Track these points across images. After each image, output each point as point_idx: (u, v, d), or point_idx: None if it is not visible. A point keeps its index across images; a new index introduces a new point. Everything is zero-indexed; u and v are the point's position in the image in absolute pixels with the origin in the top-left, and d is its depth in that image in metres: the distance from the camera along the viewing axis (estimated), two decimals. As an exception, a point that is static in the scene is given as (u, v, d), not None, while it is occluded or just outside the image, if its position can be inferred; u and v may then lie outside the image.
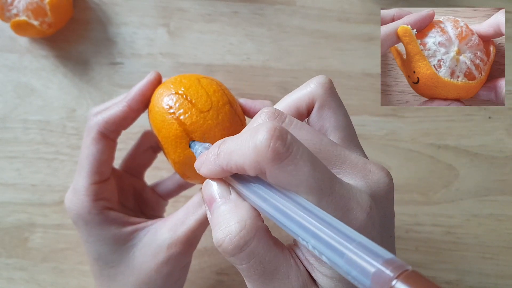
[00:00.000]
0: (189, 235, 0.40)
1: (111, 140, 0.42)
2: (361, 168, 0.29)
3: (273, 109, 0.29)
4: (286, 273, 0.27)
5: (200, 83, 0.40)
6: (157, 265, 0.39)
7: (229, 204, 0.27)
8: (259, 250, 0.26)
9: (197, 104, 0.38)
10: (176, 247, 0.39)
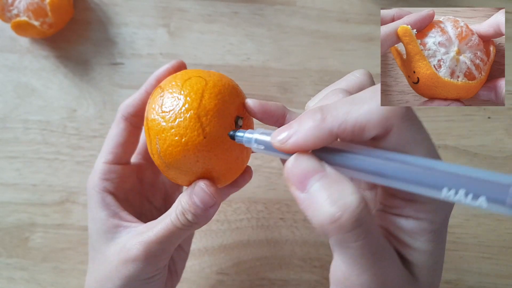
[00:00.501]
0: (152, 240, 0.37)
1: (131, 124, 0.43)
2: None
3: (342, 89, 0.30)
4: (391, 251, 0.26)
5: (185, 82, 0.39)
6: (119, 263, 0.38)
7: (330, 177, 0.25)
8: (374, 224, 0.25)
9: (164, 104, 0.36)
10: (135, 251, 0.37)
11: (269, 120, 0.37)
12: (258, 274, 0.57)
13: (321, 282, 0.57)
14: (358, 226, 0.24)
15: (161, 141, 0.36)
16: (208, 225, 0.58)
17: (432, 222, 0.27)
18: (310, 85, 0.61)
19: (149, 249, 0.37)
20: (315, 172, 0.26)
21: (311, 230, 0.58)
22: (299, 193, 0.26)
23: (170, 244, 0.39)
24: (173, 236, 0.38)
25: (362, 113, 0.25)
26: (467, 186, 0.22)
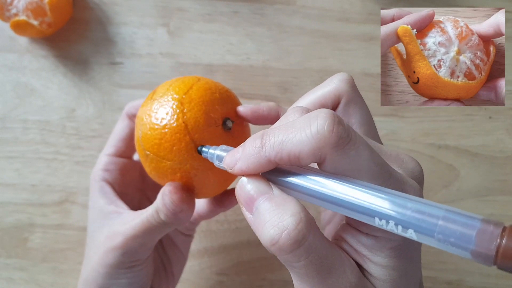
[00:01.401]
0: (131, 233, 0.39)
1: (133, 122, 0.46)
2: (395, 158, 0.29)
3: (302, 107, 0.29)
4: (342, 266, 0.26)
5: (178, 79, 0.39)
6: (102, 253, 0.40)
7: (274, 199, 0.26)
8: (317, 244, 0.25)
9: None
10: (115, 240, 0.39)
11: (263, 122, 0.38)
12: (258, 274, 0.57)
13: (321, 282, 0.56)
14: (297, 248, 0.24)
15: (142, 127, 0.36)
16: (208, 225, 0.57)
17: (389, 240, 0.27)
18: (310, 85, 0.61)
19: (126, 241, 0.39)
20: (261, 194, 0.27)
21: (311, 231, 0.57)
22: (247, 214, 0.27)
23: (147, 239, 0.40)
24: (149, 231, 0.39)
25: (295, 144, 0.25)
26: (396, 217, 0.22)
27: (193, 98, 0.36)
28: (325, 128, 0.24)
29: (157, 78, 0.61)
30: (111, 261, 0.40)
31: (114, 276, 0.41)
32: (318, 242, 0.25)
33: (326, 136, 0.24)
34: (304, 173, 0.27)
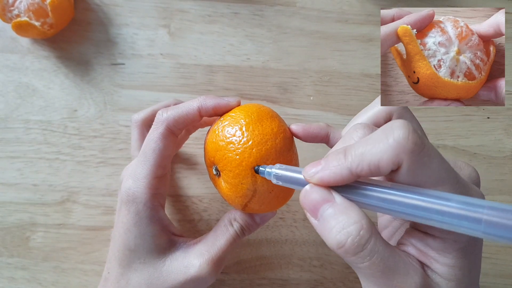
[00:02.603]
0: (220, 256, 0.43)
1: (176, 136, 0.44)
2: (453, 165, 0.32)
3: (363, 124, 0.33)
4: (405, 268, 0.29)
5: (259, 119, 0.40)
6: (185, 280, 0.42)
7: (337, 206, 0.29)
8: (378, 247, 0.28)
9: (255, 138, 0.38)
10: (207, 268, 0.42)
11: (313, 140, 0.41)
12: (258, 273, 0.57)
13: (320, 281, 0.57)
14: (361, 251, 0.28)
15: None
16: (208, 225, 0.58)
17: (456, 241, 0.29)
18: (309, 86, 0.62)
19: (218, 264, 0.43)
20: (324, 201, 0.30)
21: (310, 230, 0.58)
22: (312, 220, 0.31)
23: (229, 254, 0.46)
24: (233, 247, 0.44)
25: (375, 154, 0.27)
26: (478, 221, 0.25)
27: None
28: (401, 136, 0.26)
29: (158, 78, 0.61)
30: (200, 285, 0.43)
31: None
32: (379, 246, 0.28)
33: (403, 143, 0.26)
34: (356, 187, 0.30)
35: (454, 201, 0.25)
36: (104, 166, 0.59)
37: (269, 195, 0.38)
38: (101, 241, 0.57)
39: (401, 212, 0.27)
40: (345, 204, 0.29)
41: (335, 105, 0.61)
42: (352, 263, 0.29)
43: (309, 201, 0.30)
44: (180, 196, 0.58)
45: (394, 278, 0.28)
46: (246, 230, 0.44)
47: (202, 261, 0.42)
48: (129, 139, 0.59)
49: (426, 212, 0.26)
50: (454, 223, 0.25)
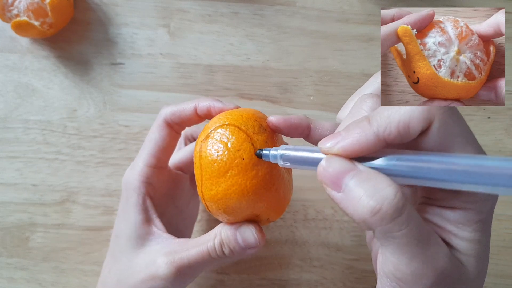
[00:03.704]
0: (184, 263, 0.38)
1: (174, 131, 0.44)
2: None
3: (371, 94, 0.31)
4: (436, 238, 0.27)
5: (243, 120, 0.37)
6: (144, 278, 0.39)
7: (362, 174, 0.27)
8: (414, 213, 0.26)
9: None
10: (166, 269, 0.38)
11: (294, 133, 0.38)
12: (258, 274, 0.57)
13: (321, 282, 0.57)
14: (399, 216, 0.25)
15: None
16: (208, 225, 0.58)
17: (479, 212, 0.28)
18: (310, 85, 0.62)
19: (179, 271, 0.38)
20: (348, 171, 0.27)
21: (311, 230, 0.58)
22: (335, 193, 0.28)
23: (200, 269, 0.40)
24: (205, 263, 0.39)
25: (404, 112, 0.26)
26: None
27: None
28: None
29: (157, 78, 0.61)
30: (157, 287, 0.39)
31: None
32: (414, 212, 0.26)
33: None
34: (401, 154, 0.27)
35: (491, 160, 0.24)
36: (103, 166, 0.59)
37: (212, 169, 0.34)
38: (101, 241, 0.57)
39: (435, 179, 0.25)
40: (370, 170, 0.27)
41: (335, 105, 0.61)
42: (386, 232, 0.26)
43: (330, 174, 0.27)
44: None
45: (429, 247, 0.26)
46: (225, 247, 0.37)
47: (165, 261, 0.39)
48: (129, 139, 0.59)
49: (462, 176, 0.24)
50: (494, 183, 0.23)
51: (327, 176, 0.28)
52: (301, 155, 0.31)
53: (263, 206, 0.36)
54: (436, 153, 0.26)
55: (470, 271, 0.28)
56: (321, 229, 0.58)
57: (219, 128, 0.36)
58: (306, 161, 0.31)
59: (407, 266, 0.26)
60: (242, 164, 0.34)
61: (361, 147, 0.27)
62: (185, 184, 0.51)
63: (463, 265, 0.28)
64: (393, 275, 0.27)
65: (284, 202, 0.38)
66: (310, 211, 0.58)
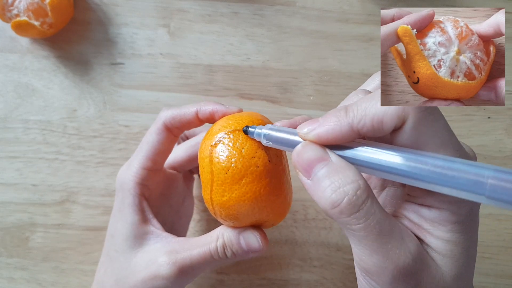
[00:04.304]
0: (187, 264, 0.38)
1: (173, 134, 0.44)
2: None
3: (364, 90, 0.32)
4: (400, 234, 0.28)
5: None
6: (145, 277, 0.39)
7: (333, 165, 0.28)
8: (375, 209, 0.27)
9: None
10: (168, 269, 0.38)
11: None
12: (258, 274, 0.57)
13: (321, 282, 0.57)
14: (357, 211, 0.26)
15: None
16: (208, 225, 0.58)
17: (454, 213, 0.28)
18: (309, 85, 0.62)
19: (181, 271, 0.39)
20: (319, 160, 0.28)
21: (311, 230, 0.58)
22: (305, 179, 0.29)
23: (202, 270, 0.40)
24: (207, 263, 0.39)
25: (379, 108, 0.27)
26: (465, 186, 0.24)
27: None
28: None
29: (157, 78, 0.61)
30: (158, 286, 0.39)
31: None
32: (376, 208, 0.27)
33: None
34: (372, 145, 0.28)
35: (458, 163, 0.24)
36: (103, 166, 0.59)
37: (225, 176, 0.35)
38: (101, 241, 0.57)
39: (401, 175, 0.26)
40: (341, 163, 0.28)
41: (336, 105, 0.61)
42: (345, 224, 0.27)
43: (302, 160, 0.29)
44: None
45: (389, 242, 0.27)
46: (228, 250, 0.38)
47: (166, 261, 0.39)
48: (129, 139, 0.59)
49: (428, 175, 0.25)
50: (456, 187, 0.24)
51: (300, 162, 0.29)
52: (282, 136, 0.32)
53: (272, 212, 0.36)
54: (407, 149, 0.27)
55: (445, 271, 0.28)
56: (321, 229, 0.58)
57: (231, 133, 0.36)
58: (286, 142, 0.32)
59: (369, 258, 0.27)
60: (257, 172, 0.34)
61: (335, 136, 0.28)
62: (178, 183, 0.51)
63: (436, 265, 0.28)
64: (359, 265, 0.29)
65: (289, 207, 0.39)
66: (310, 211, 0.58)
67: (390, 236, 0.27)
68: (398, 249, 0.27)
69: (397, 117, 0.26)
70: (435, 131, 0.27)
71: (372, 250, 0.27)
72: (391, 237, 0.27)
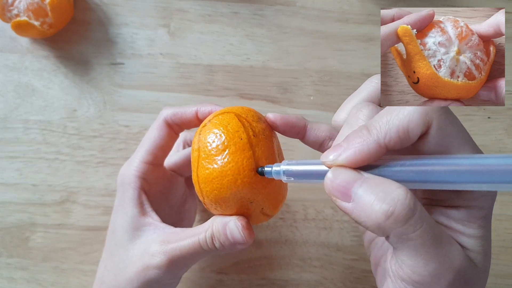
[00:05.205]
0: (176, 253, 0.38)
1: (173, 131, 0.45)
2: None
3: (366, 102, 0.32)
4: (448, 237, 0.27)
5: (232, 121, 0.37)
6: (138, 268, 0.39)
7: (370, 181, 0.27)
8: (425, 213, 0.26)
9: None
10: (157, 259, 0.38)
11: (290, 132, 0.39)
12: (257, 273, 0.57)
13: (320, 282, 0.57)
14: (412, 216, 0.25)
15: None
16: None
17: (481, 208, 0.28)
18: (309, 85, 0.62)
19: (172, 261, 0.38)
20: (355, 180, 0.27)
21: (311, 230, 0.58)
22: (345, 204, 0.27)
23: (192, 260, 0.40)
24: (197, 254, 0.39)
25: (402, 117, 0.26)
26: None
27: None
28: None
29: (157, 78, 0.61)
30: (151, 277, 0.39)
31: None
32: (425, 212, 0.26)
33: (428, 103, 0.26)
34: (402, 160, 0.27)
35: (491, 158, 0.24)
36: (103, 166, 0.59)
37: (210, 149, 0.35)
38: (101, 241, 0.57)
39: (439, 181, 0.25)
40: (377, 177, 0.27)
41: (335, 105, 0.61)
42: (401, 235, 0.26)
43: (337, 185, 0.27)
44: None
45: (443, 247, 0.26)
46: (216, 240, 0.37)
47: (158, 250, 0.39)
48: (129, 139, 0.59)
49: (466, 175, 0.25)
50: (495, 180, 0.24)
51: (335, 187, 0.28)
52: (305, 169, 0.31)
53: (257, 192, 0.36)
54: (437, 156, 0.26)
55: (479, 267, 0.28)
56: (321, 229, 0.58)
57: (219, 115, 0.37)
58: (311, 174, 0.31)
59: (424, 268, 0.26)
60: (240, 143, 0.35)
61: (364, 156, 0.27)
62: (179, 185, 0.51)
63: (473, 264, 0.28)
64: (410, 278, 0.27)
65: (279, 194, 0.38)
66: (310, 211, 0.58)
67: (442, 240, 0.26)
68: (452, 252, 0.27)
69: (422, 124, 0.26)
70: (457, 131, 0.27)
71: (429, 257, 0.26)
72: (443, 241, 0.26)
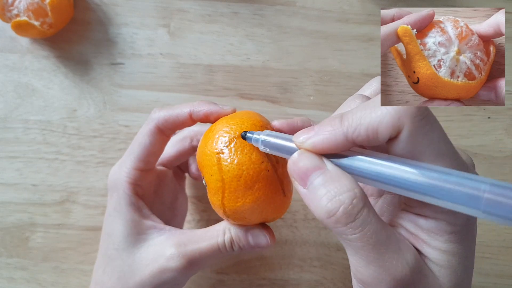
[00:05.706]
0: (196, 256, 0.39)
1: (165, 135, 0.44)
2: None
3: (362, 95, 0.32)
4: (397, 244, 0.27)
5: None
6: (153, 271, 0.40)
7: (329, 174, 0.28)
8: (371, 218, 0.26)
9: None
10: (178, 261, 0.39)
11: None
12: (258, 273, 0.57)
13: (321, 282, 0.57)
14: (353, 221, 0.26)
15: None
16: (208, 226, 0.58)
17: (451, 224, 0.28)
18: (310, 85, 0.62)
19: (190, 263, 0.39)
20: (315, 169, 0.28)
21: (311, 230, 0.58)
22: (301, 188, 0.29)
23: (209, 262, 0.41)
24: (214, 256, 0.40)
25: (374, 117, 0.26)
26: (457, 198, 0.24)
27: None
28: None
29: (157, 78, 0.61)
30: (166, 279, 0.40)
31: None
32: (372, 217, 0.26)
33: (405, 107, 0.25)
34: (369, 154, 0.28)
35: (454, 175, 0.24)
36: (103, 166, 0.59)
37: (238, 183, 0.35)
38: (101, 241, 0.57)
39: (396, 186, 0.26)
40: (337, 172, 0.28)
41: (336, 105, 0.61)
42: (341, 234, 0.27)
43: (298, 168, 0.29)
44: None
45: (386, 253, 0.26)
46: (235, 245, 0.39)
47: (175, 253, 0.39)
48: (129, 139, 0.59)
49: (423, 187, 0.25)
50: (452, 200, 0.24)
51: (295, 170, 0.29)
52: (280, 143, 0.32)
53: (279, 211, 0.38)
54: (404, 160, 0.26)
55: (443, 282, 0.28)
56: (321, 229, 0.58)
57: (236, 139, 0.36)
58: (283, 149, 0.32)
59: (365, 269, 0.27)
60: (268, 176, 0.35)
61: (330, 146, 0.28)
62: (169, 179, 0.51)
63: (434, 276, 0.28)
64: (355, 276, 0.28)
65: (290, 201, 0.40)
66: (310, 211, 0.58)
67: (387, 246, 0.27)
68: (395, 260, 0.27)
69: (391, 127, 0.26)
70: (431, 141, 0.26)
71: (369, 261, 0.27)
72: (388, 247, 0.27)
